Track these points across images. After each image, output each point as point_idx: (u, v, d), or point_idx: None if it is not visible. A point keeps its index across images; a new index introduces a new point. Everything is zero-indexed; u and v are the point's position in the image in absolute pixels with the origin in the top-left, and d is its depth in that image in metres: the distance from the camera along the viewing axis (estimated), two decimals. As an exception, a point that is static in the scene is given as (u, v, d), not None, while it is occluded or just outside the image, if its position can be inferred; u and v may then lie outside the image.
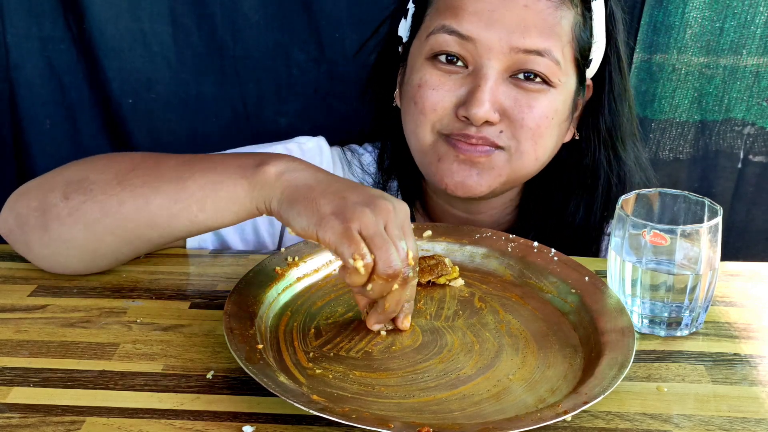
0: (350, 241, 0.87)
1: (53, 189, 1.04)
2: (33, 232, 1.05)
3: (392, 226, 0.90)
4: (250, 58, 1.56)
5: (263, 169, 0.96)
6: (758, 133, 1.56)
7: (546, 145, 1.18)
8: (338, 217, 0.89)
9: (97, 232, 1.02)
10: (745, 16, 1.47)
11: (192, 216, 0.99)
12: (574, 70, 1.17)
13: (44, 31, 1.54)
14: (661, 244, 0.97)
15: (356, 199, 0.91)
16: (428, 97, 1.15)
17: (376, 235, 0.88)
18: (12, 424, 0.82)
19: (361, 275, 0.88)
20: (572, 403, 0.83)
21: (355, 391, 0.87)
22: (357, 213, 0.89)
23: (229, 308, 0.94)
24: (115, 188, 1.01)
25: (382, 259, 0.88)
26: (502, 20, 1.10)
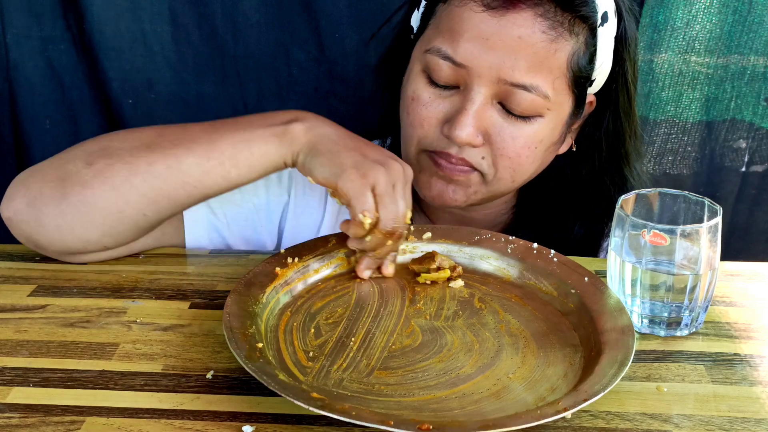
0: (364, 197, 1.00)
1: (72, 160, 1.07)
2: (48, 203, 1.05)
3: (399, 186, 1.03)
4: (250, 58, 1.56)
5: (292, 126, 1.06)
6: (762, 134, 1.56)
7: (525, 170, 1.17)
8: (357, 171, 1.00)
9: (124, 192, 1.05)
10: (750, 18, 1.47)
11: (225, 172, 1.06)
12: (570, 96, 1.15)
13: (44, 31, 1.53)
14: (661, 244, 0.97)
15: (374, 156, 1.03)
16: (417, 113, 1.16)
17: (386, 194, 1.01)
18: (12, 424, 0.82)
19: (364, 229, 1.01)
20: (572, 401, 0.83)
21: (354, 390, 0.87)
22: (374, 170, 1.01)
23: (229, 308, 0.94)
24: (144, 151, 1.06)
25: (386, 217, 1.01)
26: (494, 49, 1.09)
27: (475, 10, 1.10)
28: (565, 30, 1.10)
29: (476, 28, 1.10)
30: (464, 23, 1.11)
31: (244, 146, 1.06)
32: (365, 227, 1.01)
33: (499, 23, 1.09)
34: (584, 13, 1.11)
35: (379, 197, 1.01)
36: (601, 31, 1.13)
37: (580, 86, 1.15)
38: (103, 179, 1.04)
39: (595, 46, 1.13)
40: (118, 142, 1.08)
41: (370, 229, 1.02)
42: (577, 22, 1.11)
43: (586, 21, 1.11)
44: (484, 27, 1.09)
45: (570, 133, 1.22)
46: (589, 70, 1.15)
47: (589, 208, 1.27)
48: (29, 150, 1.60)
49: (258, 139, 1.06)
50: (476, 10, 1.10)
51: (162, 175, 1.05)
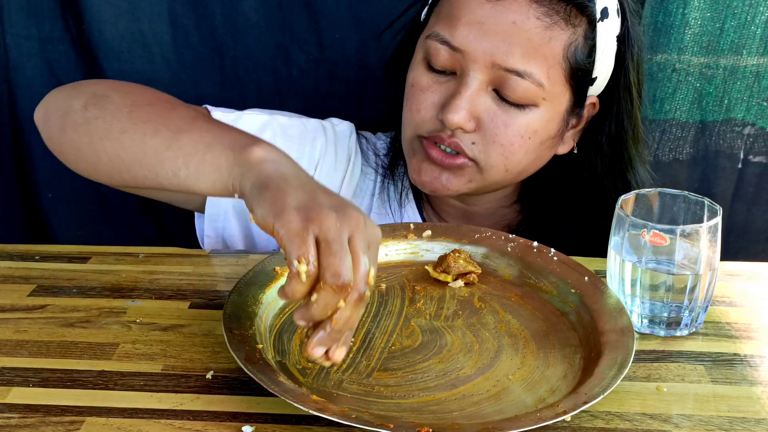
0: (301, 241, 0.80)
1: (80, 96, 1.07)
2: (53, 129, 1.09)
3: (358, 239, 0.82)
4: (250, 59, 1.56)
5: (251, 149, 0.90)
6: (758, 133, 1.56)
7: (518, 160, 1.17)
8: (299, 213, 0.81)
9: (97, 150, 1.03)
10: (746, 16, 1.47)
11: (176, 168, 0.96)
12: (568, 90, 1.16)
13: (43, 32, 1.53)
14: (661, 244, 0.97)
15: (326, 201, 0.84)
16: (416, 98, 1.18)
17: (334, 241, 0.80)
18: (11, 424, 0.82)
19: (302, 283, 0.80)
20: (572, 403, 0.83)
21: (354, 391, 0.87)
22: (321, 215, 0.81)
23: (228, 308, 0.94)
24: (124, 116, 1.02)
25: (332, 265, 0.80)
26: (489, 34, 1.11)
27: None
28: (561, 19, 1.11)
29: (473, 13, 1.12)
30: (462, 8, 1.13)
31: (201, 149, 0.94)
32: (302, 279, 0.80)
33: (494, 8, 1.11)
34: (580, 1, 1.12)
35: (325, 245, 0.80)
36: (600, 26, 1.14)
37: (578, 81, 1.16)
38: (87, 130, 1.04)
39: (594, 40, 1.14)
40: (118, 95, 1.06)
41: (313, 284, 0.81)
42: (575, 12, 1.12)
43: (583, 12, 1.13)
44: (480, 12, 1.11)
45: (572, 135, 1.22)
46: (588, 65, 1.15)
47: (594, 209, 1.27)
48: (29, 150, 1.60)
49: (217, 148, 0.93)
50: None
51: (126, 146, 1.00)
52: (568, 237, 1.23)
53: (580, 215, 1.27)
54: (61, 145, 1.08)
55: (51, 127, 1.10)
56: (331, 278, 0.79)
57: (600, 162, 1.24)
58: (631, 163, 1.26)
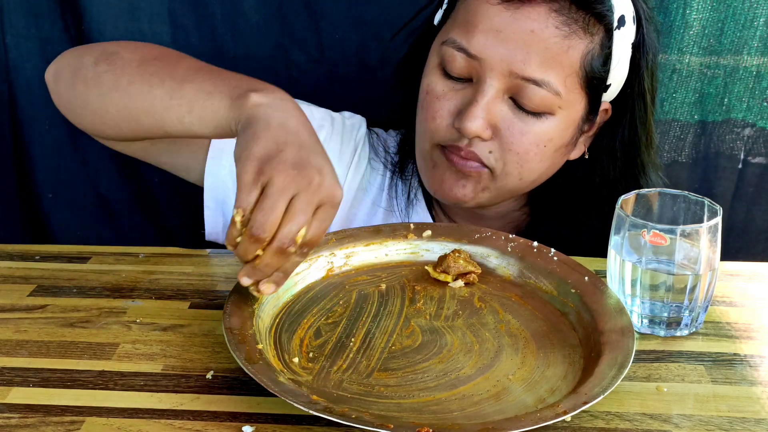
0: (247, 191, 0.87)
1: (90, 53, 1.12)
2: (63, 86, 1.14)
3: (301, 200, 0.88)
4: (250, 59, 1.56)
5: (249, 95, 0.96)
6: (758, 133, 1.56)
7: (533, 168, 1.17)
8: (257, 163, 0.88)
9: (105, 102, 1.08)
10: (746, 17, 1.47)
11: (180, 115, 1.02)
12: (583, 97, 1.16)
13: (43, 32, 1.53)
14: (661, 244, 0.97)
15: (290, 156, 0.89)
16: (431, 106, 1.17)
17: (269, 196, 0.86)
18: (11, 424, 0.82)
19: (236, 229, 0.87)
20: (572, 403, 0.83)
21: (354, 392, 0.87)
22: (275, 169, 0.87)
23: (228, 308, 0.94)
24: (133, 69, 1.06)
25: (255, 219, 0.86)
26: (507, 42, 1.10)
27: (491, 2, 1.11)
28: (580, 28, 1.11)
29: (490, 20, 1.11)
30: (479, 15, 1.12)
31: (204, 96, 1.00)
32: (236, 226, 0.88)
33: (513, 16, 1.10)
34: (599, 11, 1.11)
35: (262, 197, 0.87)
36: (617, 34, 1.14)
37: (593, 88, 1.15)
38: (95, 83, 1.08)
39: (610, 48, 1.14)
40: (128, 52, 1.10)
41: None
42: (593, 21, 1.12)
43: (601, 21, 1.12)
44: (498, 20, 1.11)
45: (583, 140, 1.22)
46: (604, 73, 1.15)
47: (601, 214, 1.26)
48: (28, 151, 1.60)
49: (218, 94, 0.99)
50: (492, 2, 1.11)
51: (133, 97, 1.05)
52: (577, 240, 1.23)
53: (591, 219, 1.27)
54: (69, 100, 1.13)
55: (60, 84, 1.14)
56: (251, 229, 0.86)
57: (613, 167, 1.24)
58: (644, 169, 1.25)
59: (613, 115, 1.22)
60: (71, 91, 1.12)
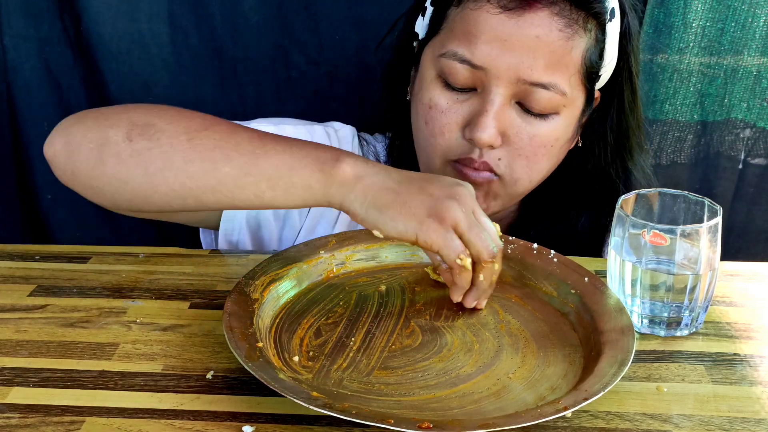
0: (452, 243, 0.94)
1: (115, 126, 1.02)
2: (84, 164, 1.03)
3: (478, 212, 0.98)
4: (249, 60, 1.56)
5: (341, 167, 0.97)
6: (759, 133, 1.56)
7: (541, 169, 1.18)
8: (435, 219, 0.94)
9: (156, 182, 1.01)
10: (746, 17, 1.47)
11: (259, 192, 0.99)
12: (582, 93, 1.16)
13: (41, 33, 1.53)
14: (661, 244, 0.97)
15: (440, 193, 0.96)
16: (437, 121, 1.16)
17: (471, 227, 0.95)
18: (11, 424, 0.82)
19: (469, 270, 0.97)
20: (572, 400, 0.83)
21: (354, 390, 0.87)
22: (450, 210, 0.95)
23: (228, 308, 0.94)
24: (184, 144, 1.00)
25: (483, 247, 0.96)
26: (513, 50, 1.10)
27: (492, 12, 1.10)
28: (580, 27, 1.11)
29: (494, 30, 1.10)
30: (480, 25, 1.11)
31: (285, 171, 0.98)
32: (468, 269, 0.96)
33: (517, 24, 1.10)
34: (597, 9, 1.12)
35: (468, 234, 0.95)
36: (609, 27, 1.15)
37: (591, 82, 1.16)
38: (139, 162, 1.00)
39: (604, 41, 1.15)
40: (164, 122, 1.02)
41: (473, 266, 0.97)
42: (589, 18, 1.12)
43: (596, 17, 1.13)
44: (502, 28, 1.10)
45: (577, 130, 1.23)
46: (599, 66, 1.16)
47: (593, 201, 1.27)
48: (27, 152, 1.60)
49: (303, 170, 0.98)
50: (493, 12, 1.10)
51: (195, 176, 0.99)
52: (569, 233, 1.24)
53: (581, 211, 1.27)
54: (95, 179, 1.03)
55: (80, 161, 1.03)
56: (486, 257, 0.96)
57: (604, 153, 1.25)
58: (631, 153, 1.26)
59: (602, 101, 1.23)
60: (99, 168, 1.02)
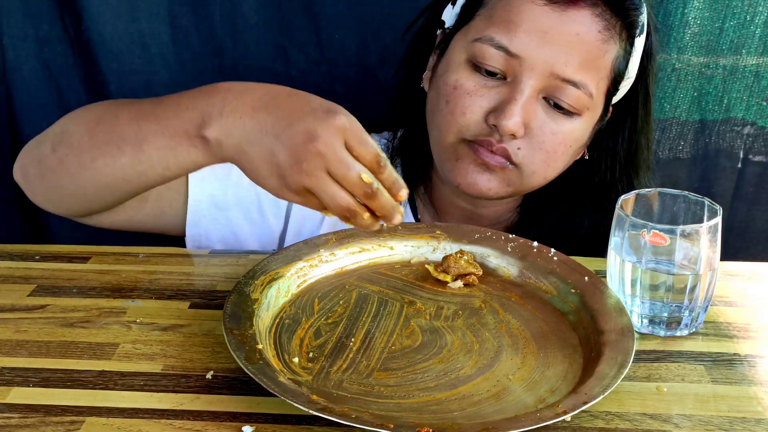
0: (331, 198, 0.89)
1: (44, 141, 1.10)
2: (34, 181, 1.12)
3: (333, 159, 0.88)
4: (249, 59, 1.56)
5: (207, 135, 0.96)
6: (758, 132, 1.56)
7: (557, 167, 1.19)
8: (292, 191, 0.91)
9: (80, 182, 1.07)
10: (745, 16, 1.47)
11: (160, 173, 1.02)
12: (603, 101, 1.18)
13: (41, 33, 1.53)
14: (661, 244, 0.97)
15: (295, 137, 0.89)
16: (460, 101, 1.16)
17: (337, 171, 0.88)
18: (11, 424, 0.82)
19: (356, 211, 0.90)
20: (572, 403, 0.83)
21: (354, 391, 0.87)
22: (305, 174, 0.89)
23: (228, 308, 0.94)
24: (86, 143, 1.05)
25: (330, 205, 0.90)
26: (552, 43, 1.11)
27: (537, 3, 1.12)
28: (616, 33, 1.13)
29: (536, 20, 1.11)
30: (524, 14, 1.12)
31: (169, 153, 1.00)
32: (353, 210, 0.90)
33: (560, 18, 1.11)
34: (633, 19, 1.14)
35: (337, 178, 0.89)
36: (637, 41, 1.16)
37: (612, 92, 1.18)
38: (63, 168, 1.07)
39: (630, 54, 1.16)
40: (73, 124, 1.09)
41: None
42: (624, 28, 1.14)
43: (630, 28, 1.14)
44: (545, 20, 1.11)
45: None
46: (622, 78, 1.17)
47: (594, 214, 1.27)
48: (27, 151, 1.60)
49: (180, 147, 0.99)
50: (537, 3, 1.12)
51: (103, 171, 1.04)
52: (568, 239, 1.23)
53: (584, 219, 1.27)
54: (44, 193, 1.12)
55: (31, 181, 1.13)
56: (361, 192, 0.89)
57: (612, 169, 1.26)
58: (637, 171, 1.27)
59: (614, 117, 1.23)
60: (42, 183, 1.11)
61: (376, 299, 1.04)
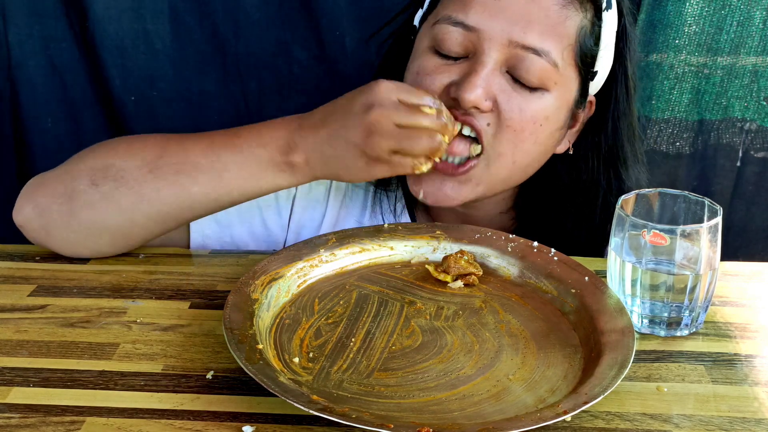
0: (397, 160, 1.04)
1: (77, 177, 1.09)
2: (57, 219, 1.10)
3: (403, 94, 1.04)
4: (251, 56, 1.56)
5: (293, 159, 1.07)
6: (757, 131, 1.56)
7: (527, 149, 1.15)
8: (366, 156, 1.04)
9: (133, 217, 1.09)
10: (744, 15, 1.47)
11: (232, 200, 1.10)
12: (576, 77, 1.16)
13: (46, 30, 1.54)
14: (661, 244, 0.97)
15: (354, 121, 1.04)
16: (422, 83, 1.14)
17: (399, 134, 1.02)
18: (12, 424, 0.83)
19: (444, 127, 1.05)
20: (572, 403, 0.83)
21: (354, 391, 0.87)
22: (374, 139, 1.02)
23: (228, 308, 0.94)
24: (147, 176, 1.08)
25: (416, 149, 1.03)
26: (506, 11, 1.10)
27: None
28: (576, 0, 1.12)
29: None
30: None
31: (251, 181, 1.08)
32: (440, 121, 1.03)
33: None
34: None
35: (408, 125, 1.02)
36: (605, 15, 1.15)
37: (585, 67, 1.16)
38: (110, 202, 1.08)
39: (600, 28, 1.15)
40: (121, 160, 1.09)
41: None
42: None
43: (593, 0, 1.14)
44: None
45: (568, 135, 1.22)
46: (594, 52, 1.15)
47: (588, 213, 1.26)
48: (30, 148, 1.60)
49: (263, 174, 1.08)
50: None
51: (169, 201, 1.08)
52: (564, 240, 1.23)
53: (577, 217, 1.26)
54: (72, 230, 1.11)
55: (52, 218, 1.10)
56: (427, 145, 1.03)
57: (597, 162, 1.24)
58: (626, 162, 1.25)
59: (597, 110, 1.22)
60: (74, 220, 1.09)
61: (376, 299, 1.04)
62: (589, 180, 1.24)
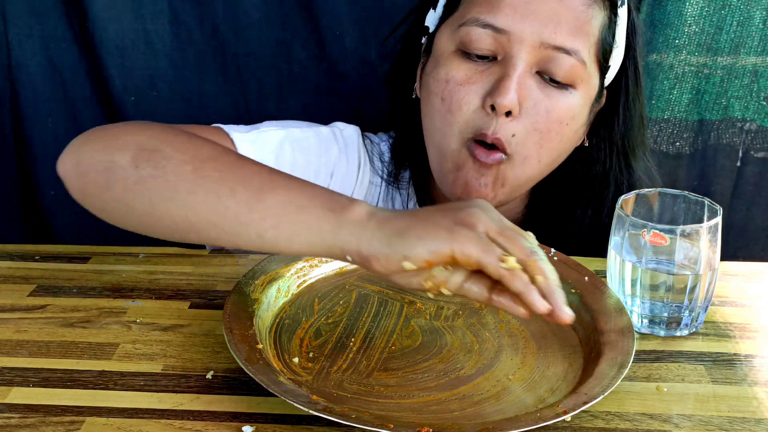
0: (490, 245, 0.84)
1: (122, 149, 0.98)
2: (93, 185, 1.00)
3: (504, 219, 0.88)
4: (251, 56, 1.56)
5: (353, 208, 0.88)
6: (757, 131, 1.56)
7: (552, 148, 1.16)
8: (465, 225, 0.84)
9: (158, 211, 0.96)
10: (744, 15, 1.47)
11: (262, 230, 0.91)
12: (597, 73, 1.16)
13: (46, 30, 1.54)
14: (661, 244, 0.97)
15: (460, 205, 0.87)
16: (455, 94, 1.13)
17: (503, 230, 0.85)
18: (11, 424, 0.83)
19: (520, 269, 0.84)
20: (572, 403, 0.83)
21: (354, 391, 0.87)
22: (473, 216, 0.85)
23: (228, 308, 0.94)
24: (189, 174, 0.95)
25: (520, 248, 0.84)
26: (536, 13, 1.10)
27: None
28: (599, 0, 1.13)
29: None
30: None
31: (293, 210, 0.90)
32: (518, 267, 0.84)
33: None
34: None
35: (501, 237, 0.85)
36: (620, 11, 1.15)
37: (604, 63, 1.16)
38: (143, 190, 0.96)
39: (616, 24, 1.15)
40: (171, 149, 0.98)
41: None
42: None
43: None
44: None
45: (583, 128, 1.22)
46: (611, 48, 1.16)
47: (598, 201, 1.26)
48: (30, 148, 1.60)
49: (313, 210, 0.89)
50: None
51: (197, 209, 0.93)
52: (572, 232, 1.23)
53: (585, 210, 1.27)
54: (105, 202, 1.00)
55: (89, 183, 1.00)
56: (526, 256, 0.84)
57: (610, 153, 1.24)
58: (634, 152, 1.25)
59: (607, 102, 1.22)
60: (107, 193, 0.99)
61: (376, 299, 1.04)
62: (601, 172, 1.25)
